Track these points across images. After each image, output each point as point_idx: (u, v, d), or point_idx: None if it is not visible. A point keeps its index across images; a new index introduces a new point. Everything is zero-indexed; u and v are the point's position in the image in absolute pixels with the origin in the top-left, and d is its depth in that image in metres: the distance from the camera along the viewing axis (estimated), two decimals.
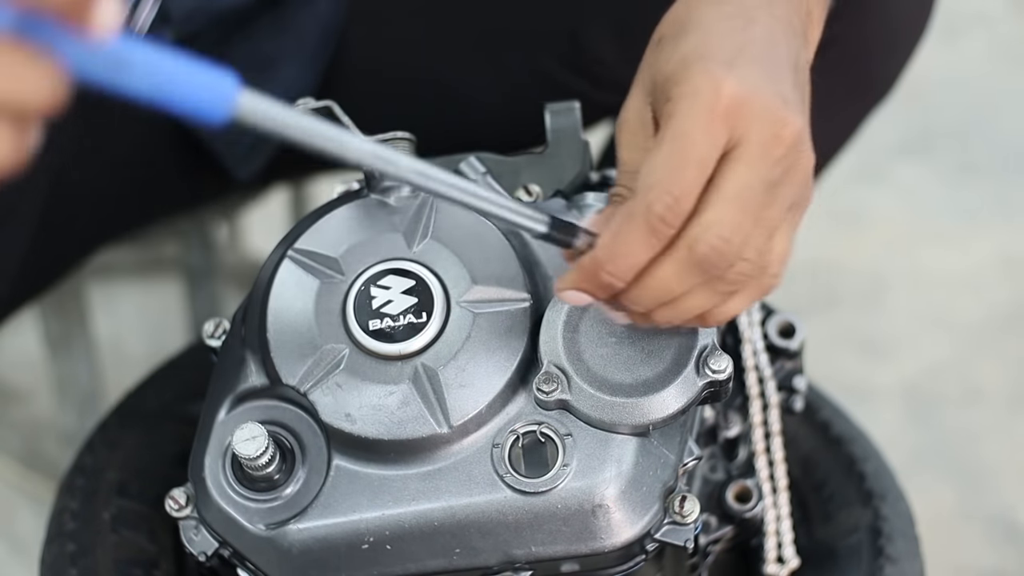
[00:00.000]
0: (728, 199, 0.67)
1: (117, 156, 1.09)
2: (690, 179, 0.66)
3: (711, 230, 0.67)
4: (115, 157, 1.09)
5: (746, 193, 0.67)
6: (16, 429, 1.67)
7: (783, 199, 0.69)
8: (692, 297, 0.70)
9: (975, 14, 2.21)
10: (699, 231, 0.67)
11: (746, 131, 0.67)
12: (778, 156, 0.68)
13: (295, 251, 0.80)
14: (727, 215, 0.67)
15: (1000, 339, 1.78)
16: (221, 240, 1.60)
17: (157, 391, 1.01)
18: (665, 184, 0.66)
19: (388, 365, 0.76)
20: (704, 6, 0.72)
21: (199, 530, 0.79)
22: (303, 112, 0.59)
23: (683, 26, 0.72)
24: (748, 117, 0.67)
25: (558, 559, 0.76)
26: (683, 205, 0.66)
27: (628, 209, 0.67)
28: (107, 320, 1.74)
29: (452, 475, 0.75)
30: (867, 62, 1.07)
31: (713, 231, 0.67)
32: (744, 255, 0.69)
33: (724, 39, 0.70)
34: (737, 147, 0.67)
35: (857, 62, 1.05)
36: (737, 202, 0.67)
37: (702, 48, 0.69)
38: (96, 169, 1.07)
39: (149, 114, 1.10)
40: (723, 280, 0.69)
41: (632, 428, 0.75)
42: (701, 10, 0.72)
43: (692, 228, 0.67)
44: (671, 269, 0.68)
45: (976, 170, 2.01)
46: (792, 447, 0.96)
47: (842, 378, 1.65)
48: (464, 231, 0.79)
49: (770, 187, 0.68)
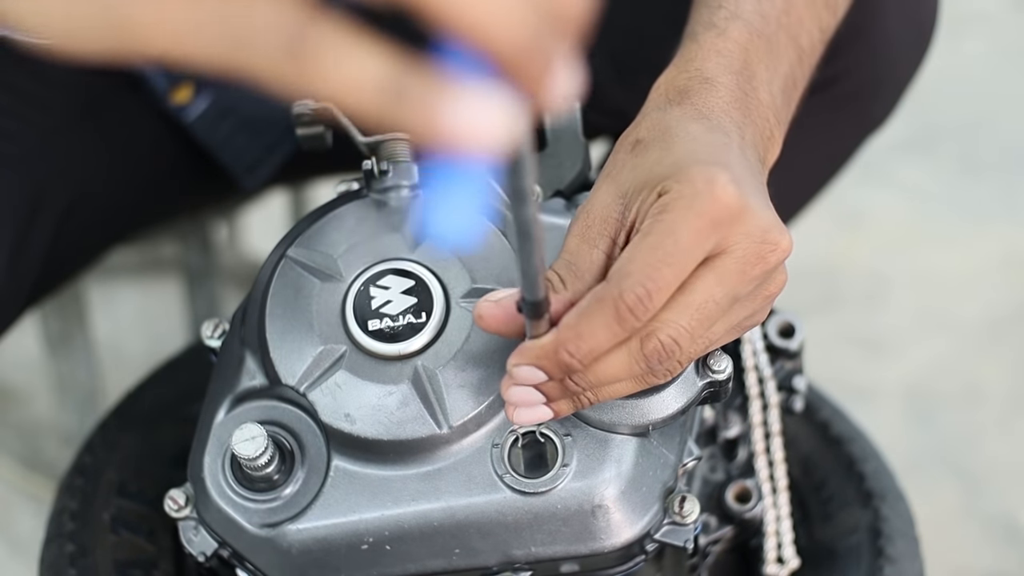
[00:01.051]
0: (691, 307, 0.66)
1: (128, 164, 1.10)
2: (668, 277, 0.65)
3: (665, 330, 0.66)
4: (126, 165, 1.10)
5: (710, 305, 0.67)
6: (16, 429, 1.67)
7: (739, 312, 0.69)
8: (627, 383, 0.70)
9: (977, 13, 2.21)
10: (654, 327, 0.66)
11: (733, 243, 0.67)
12: (754, 275, 0.68)
13: (294, 251, 0.79)
14: (684, 321, 0.66)
15: (1001, 339, 1.78)
16: (221, 240, 1.60)
17: (156, 391, 1.01)
18: (641, 277, 0.65)
19: (387, 365, 0.76)
20: (687, 121, 0.72)
21: (198, 530, 0.79)
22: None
23: (667, 133, 0.71)
24: (740, 230, 0.67)
25: (558, 559, 0.76)
26: (655, 301, 0.65)
27: (599, 293, 0.66)
28: (107, 320, 1.74)
29: (451, 475, 0.75)
30: (865, 99, 1.07)
31: (667, 331, 0.66)
32: (685, 357, 0.69)
33: (715, 151, 0.70)
34: (719, 256, 0.67)
35: (855, 99, 1.05)
36: (699, 312, 0.67)
37: (697, 154, 0.69)
38: (108, 175, 1.08)
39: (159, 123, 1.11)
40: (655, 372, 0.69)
41: (632, 428, 0.75)
42: (684, 124, 0.72)
43: (650, 323, 0.67)
44: (621, 359, 0.67)
45: (978, 169, 2.01)
46: (792, 447, 0.96)
47: (842, 378, 1.64)
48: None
49: (733, 301, 0.68)
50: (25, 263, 0.99)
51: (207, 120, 1.09)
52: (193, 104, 1.08)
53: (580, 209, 0.72)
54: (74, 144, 1.04)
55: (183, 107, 1.08)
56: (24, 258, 0.99)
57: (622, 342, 0.67)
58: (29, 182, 0.99)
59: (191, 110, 1.08)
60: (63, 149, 1.03)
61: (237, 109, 1.10)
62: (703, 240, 0.66)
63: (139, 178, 1.12)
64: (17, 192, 0.98)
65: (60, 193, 1.02)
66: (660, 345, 0.67)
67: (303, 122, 0.83)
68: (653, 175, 0.69)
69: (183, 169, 1.14)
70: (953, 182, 1.99)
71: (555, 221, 0.81)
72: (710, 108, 0.74)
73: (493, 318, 0.70)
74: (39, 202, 1.00)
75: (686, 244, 0.65)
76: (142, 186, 1.13)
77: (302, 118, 0.83)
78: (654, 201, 0.68)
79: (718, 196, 0.66)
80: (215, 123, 1.10)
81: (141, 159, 1.11)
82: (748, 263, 0.67)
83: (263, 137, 1.11)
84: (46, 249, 1.02)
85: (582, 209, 0.72)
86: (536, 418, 0.71)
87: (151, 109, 1.08)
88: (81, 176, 1.05)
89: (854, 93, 1.03)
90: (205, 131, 1.10)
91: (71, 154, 1.04)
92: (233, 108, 1.10)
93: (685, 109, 0.73)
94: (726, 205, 0.66)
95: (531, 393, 0.69)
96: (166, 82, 1.06)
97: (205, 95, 1.08)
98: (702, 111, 0.73)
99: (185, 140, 1.11)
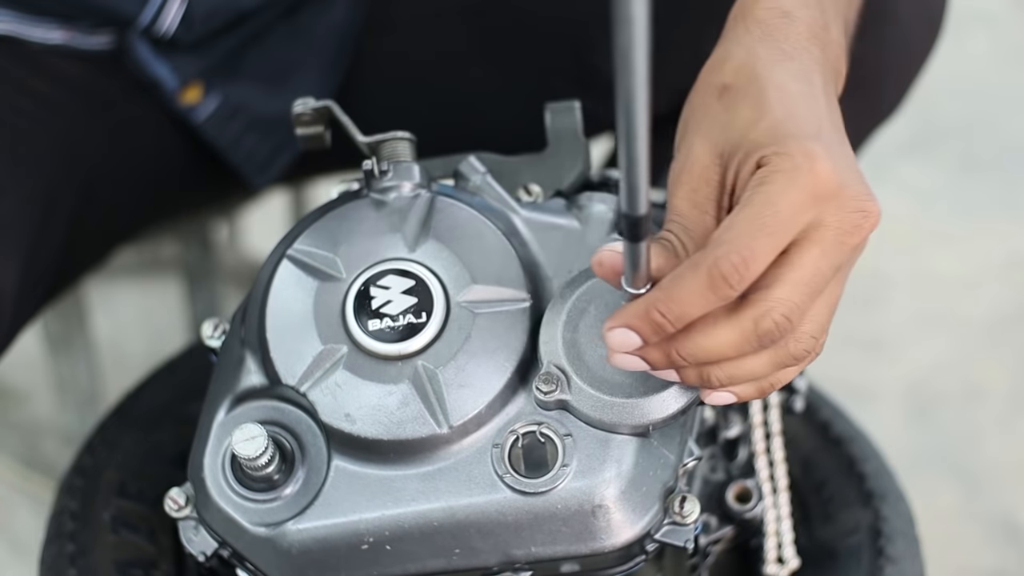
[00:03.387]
0: (800, 281, 0.68)
1: (138, 164, 1.10)
2: (764, 248, 0.66)
3: (778, 309, 0.68)
4: (136, 165, 1.10)
5: (817, 278, 0.68)
6: (16, 429, 1.67)
7: (843, 278, 0.71)
8: (747, 363, 0.70)
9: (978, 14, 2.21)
10: (768, 306, 0.68)
11: (830, 215, 0.68)
12: (852, 244, 0.69)
13: (294, 251, 0.79)
14: (796, 296, 0.68)
15: (1002, 339, 1.78)
16: (221, 240, 1.60)
17: (156, 392, 1.01)
18: (737, 245, 0.66)
19: (388, 365, 0.76)
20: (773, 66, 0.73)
21: (198, 530, 0.79)
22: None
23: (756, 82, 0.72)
24: (836, 202, 0.68)
25: (558, 559, 0.76)
26: (750, 270, 0.66)
27: (695, 259, 0.67)
28: (107, 320, 1.74)
29: (452, 475, 0.75)
30: (879, 83, 1.07)
31: (780, 310, 0.68)
32: (801, 331, 0.70)
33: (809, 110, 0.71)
34: (816, 229, 0.68)
35: (871, 83, 1.05)
36: (808, 286, 0.68)
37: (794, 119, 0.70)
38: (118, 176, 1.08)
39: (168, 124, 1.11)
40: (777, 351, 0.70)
41: (632, 428, 0.75)
42: (772, 70, 0.73)
43: (761, 303, 0.68)
44: (732, 335, 0.68)
45: (979, 169, 2.01)
46: (792, 447, 0.96)
47: (842, 378, 1.64)
48: (464, 231, 0.79)
49: (836, 271, 0.70)
50: (40, 264, 0.99)
51: (216, 120, 1.09)
52: (202, 105, 1.08)
53: (680, 167, 0.72)
54: (84, 145, 1.05)
55: (192, 108, 1.08)
56: (38, 259, 0.99)
57: (729, 318, 0.68)
58: (42, 184, 0.99)
59: (200, 111, 1.09)
60: (74, 150, 1.04)
61: (246, 109, 1.10)
62: (802, 213, 0.67)
63: (149, 178, 1.12)
64: (30, 194, 0.98)
65: (71, 194, 1.03)
66: (775, 324, 0.68)
67: (303, 122, 0.83)
68: (749, 140, 0.70)
69: (192, 169, 1.15)
70: (953, 182, 1.99)
71: (555, 221, 0.81)
72: (792, 45, 0.74)
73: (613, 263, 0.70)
74: (52, 203, 1.00)
75: (785, 216, 0.67)
76: (152, 186, 1.14)
77: (302, 118, 0.83)
78: (753, 169, 0.69)
79: (817, 172, 0.67)
80: (224, 123, 1.10)
81: (151, 159, 1.12)
82: (846, 233, 0.68)
83: (272, 137, 1.12)
84: (59, 250, 1.02)
85: (682, 168, 0.72)
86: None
87: (160, 110, 1.09)
88: (92, 177, 1.05)
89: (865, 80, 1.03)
90: (214, 131, 1.10)
91: (82, 155, 1.04)
92: (242, 108, 1.10)
93: (769, 48, 0.74)
94: (825, 181, 0.67)
95: (635, 361, 0.71)
96: (175, 83, 1.06)
97: (214, 96, 1.08)
98: (785, 50, 0.74)
99: (193, 140, 1.11)
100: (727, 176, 0.71)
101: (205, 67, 1.07)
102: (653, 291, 0.68)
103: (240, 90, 1.10)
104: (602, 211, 0.81)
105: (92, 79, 1.06)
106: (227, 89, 1.09)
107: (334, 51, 1.12)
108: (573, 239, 0.80)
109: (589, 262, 0.76)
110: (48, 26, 1.03)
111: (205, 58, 1.07)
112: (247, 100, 1.10)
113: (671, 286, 0.67)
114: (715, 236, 0.67)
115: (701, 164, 0.72)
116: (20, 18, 1.02)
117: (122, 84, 1.07)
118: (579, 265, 0.79)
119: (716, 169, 0.72)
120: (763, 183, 0.68)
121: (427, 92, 1.15)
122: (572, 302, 0.76)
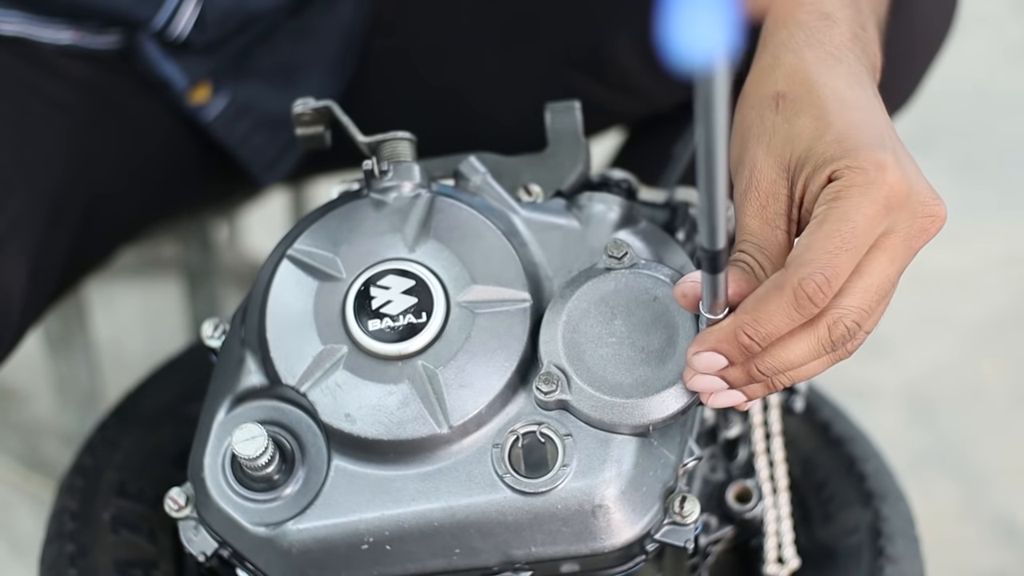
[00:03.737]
0: (871, 290, 0.69)
1: (146, 164, 1.11)
2: (844, 264, 0.67)
3: (850, 316, 0.69)
4: (144, 165, 1.10)
5: (885, 285, 0.69)
6: (16, 429, 1.67)
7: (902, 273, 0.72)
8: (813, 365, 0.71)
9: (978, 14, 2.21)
10: (840, 314, 0.69)
11: (900, 223, 0.69)
12: (918, 247, 0.71)
13: (295, 251, 0.79)
14: (866, 303, 0.69)
15: (1001, 339, 1.78)
16: (221, 240, 1.60)
17: (157, 392, 1.01)
18: (820, 265, 0.67)
19: (388, 365, 0.76)
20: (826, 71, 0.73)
21: (198, 530, 0.79)
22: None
23: (812, 90, 0.72)
24: (906, 209, 0.69)
25: (558, 559, 0.76)
26: (833, 287, 0.67)
27: (777, 281, 0.68)
28: (107, 320, 1.74)
29: (452, 475, 0.75)
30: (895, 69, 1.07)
31: (852, 317, 0.69)
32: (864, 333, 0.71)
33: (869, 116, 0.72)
34: (887, 237, 0.69)
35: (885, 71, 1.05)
36: (878, 292, 0.69)
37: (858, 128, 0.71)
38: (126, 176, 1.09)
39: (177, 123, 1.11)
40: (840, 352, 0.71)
41: (632, 428, 0.75)
42: (825, 76, 0.73)
43: (833, 311, 0.69)
44: (808, 345, 0.69)
45: (979, 169, 2.01)
46: (792, 447, 0.96)
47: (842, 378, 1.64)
48: (464, 231, 0.79)
49: (901, 273, 0.71)
50: (48, 265, 0.99)
51: (225, 120, 1.10)
52: (211, 104, 1.09)
53: (746, 184, 0.73)
54: (93, 145, 1.05)
55: (201, 107, 1.09)
56: (47, 260, 0.99)
57: (806, 330, 0.69)
58: (51, 183, 1.00)
59: (209, 110, 1.09)
60: (82, 150, 1.04)
61: (254, 108, 1.10)
62: (877, 225, 0.68)
63: (157, 177, 1.13)
64: (39, 194, 0.98)
65: (80, 194, 1.03)
66: (846, 330, 0.69)
67: (303, 122, 0.83)
68: (816, 153, 0.70)
69: (200, 167, 1.15)
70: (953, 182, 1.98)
71: (555, 221, 0.80)
72: (836, 47, 0.75)
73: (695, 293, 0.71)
74: (60, 203, 1.00)
75: (862, 231, 0.68)
76: (160, 185, 1.14)
77: (302, 118, 0.83)
78: (824, 183, 0.70)
79: (890, 183, 0.68)
80: (233, 122, 1.10)
81: (159, 159, 1.12)
82: (914, 238, 0.70)
83: (280, 135, 1.12)
84: (67, 250, 1.02)
85: (748, 184, 0.72)
86: (730, 401, 0.72)
87: (168, 109, 1.09)
88: (100, 176, 1.05)
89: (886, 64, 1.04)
90: (223, 130, 1.10)
91: (91, 155, 1.04)
92: (250, 107, 1.10)
93: (817, 52, 0.74)
94: (897, 191, 0.69)
95: (715, 381, 0.71)
96: (185, 83, 1.06)
97: (223, 95, 1.09)
98: (833, 53, 0.74)
99: (201, 139, 1.11)
100: (795, 190, 0.71)
101: (214, 67, 1.07)
102: (738, 314, 0.69)
103: (248, 89, 1.10)
104: (602, 211, 0.81)
105: (101, 79, 1.06)
106: (235, 88, 1.09)
107: (341, 50, 1.12)
108: (573, 239, 0.80)
109: (589, 262, 0.76)
110: (57, 27, 1.03)
111: (214, 58, 1.07)
112: (255, 99, 1.10)
113: (757, 308, 0.68)
114: (795, 255, 0.68)
115: (768, 179, 0.72)
116: (30, 19, 1.02)
117: (131, 84, 1.07)
118: (579, 265, 0.78)
119: (784, 184, 0.72)
120: (838, 198, 0.68)
121: (437, 89, 1.14)
122: (572, 302, 0.76)
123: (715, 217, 0.62)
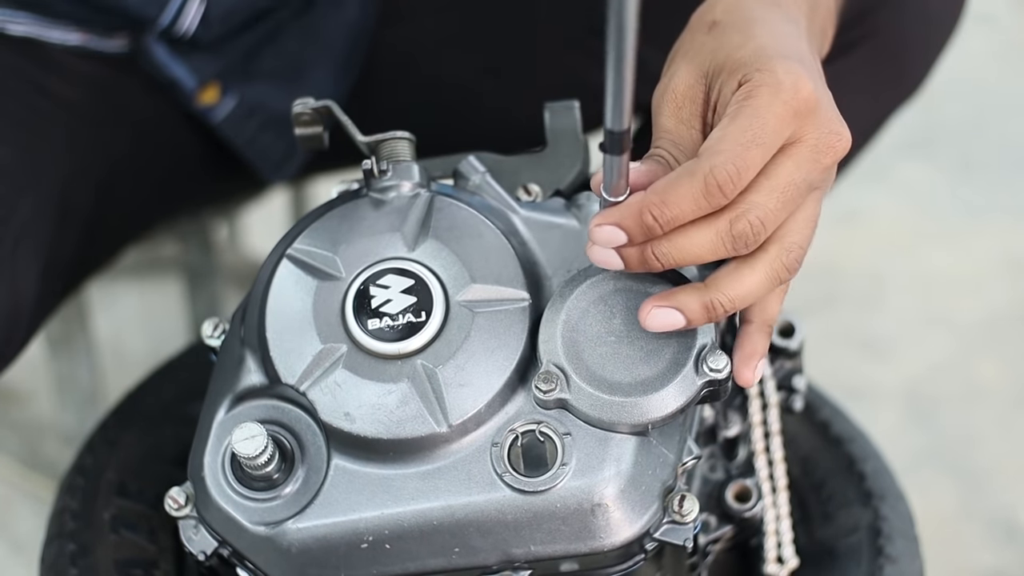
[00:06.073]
0: (775, 189, 0.71)
1: (154, 164, 1.11)
2: (755, 158, 0.70)
3: (753, 211, 0.70)
4: (152, 165, 1.11)
5: (790, 189, 0.71)
6: (16, 429, 1.67)
7: (818, 199, 0.74)
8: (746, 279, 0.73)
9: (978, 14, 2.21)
10: (744, 209, 0.70)
11: (807, 132, 0.71)
12: (825, 164, 0.73)
13: (294, 250, 0.80)
14: (770, 202, 0.71)
15: (1001, 339, 1.78)
16: (221, 240, 1.60)
17: (157, 391, 1.01)
18: (731, 155, 0.69)
19: (387, 364, 0.76)
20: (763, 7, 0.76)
21: (198, 529, 0.79)
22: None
23: (745, 18, 0.75)
24: (813, 121, 0.71)
25: (557, 558, 0.76)
26: (743, 178, 0.69)
27: (689, 167, 0.70)
28: (107, 320, 1.74)
29: (451, 474, 0.75)
30: (902, 56, 1.08)
31: (754, 212, 0.70)
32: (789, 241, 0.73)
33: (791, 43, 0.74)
34: (794, 144, 0.71)
35: (893, 56, 1.06)
36: (781, 193, 0.71)
37: (777, 45, 0.73)
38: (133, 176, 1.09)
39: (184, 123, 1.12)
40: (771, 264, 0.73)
41: (631, 427, 0.75)
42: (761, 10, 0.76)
43: (736, 205, 0.70)
44: (708, 236, 0.71)
45: (978, 169, 2.01)
46: (792, 447, 0.96)
47: (842, 378, 1.64)
48: (463, 230, 0.79)
49: (809, 187, 0.73)
50: (57, 265, 1.00)
51: (234, 120, 1.10)
52: (220, 105, 1.09)
53: (663, 90, 0.76)
54: (101, 145, 1.05)
55: (210, 108, 1.09)
56: (56, 260, 0.99)
57: (708, 221, 0.70)
58: (60, 184, 1.00)
59: (218, 111, 1.09)
60: (91, 150, 1.04)
61: (262, 108, 1.11)
62: (785, 127, 0.70)
63: (163, 177, 1.13)
64: (48, 195, 0.98)
65: (88, 194, 1.03)
66: (749, 226, 0.71)
67: (302, 122, 0.84)
68: (734, 60, 0.73)
69: (206, 167, 1.16)
70: (953, 182, 1.99)
71: (554, 220, 0.81)
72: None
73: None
74: (69, 203, 1.01)
75: (772, 128, 0.70)
76: (166, 184, 1.14)
77: (301, 118, 0.83)
78: (736, 86, 0.72)
79: (799, 88, 0.71)
80: (241, 123, 1.11)
81: (165, 158, 1.12)
82: (820, 151, 0.72)
83: (287, 134, 1.12)
84: (75, 250, 1.02)
85: (666, 89, 0.75)
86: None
87: (176, 109, 1.09)
88: (108, 177, 1.06)
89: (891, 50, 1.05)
90: (232, 131, 1.11)
91: (99, 155, 1.05)
92: (258, 107, 1.10)
93: None
94: (805, 98, 0.71)
95: (611, 256, 0.73)
96: (193, 83, 1.07)
97: (231, 95, 1.09)
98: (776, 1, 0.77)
99: (207, 138, 1.12)
100: (711, 94, 0.74)
101: (222, 67, 1.08)
102: (647, 194, 0.70)
103: (256, 89, 1.10)
104: None
105: (109, 79, 1.06)
106: (243, 88, 1.09)
107: (347, 49, 1.13)
108: (572, 238, 0.80)
109: (588, 261, 0.76)
110: (66, 28, 1.03)
111: (222, 58, 1.07)
112: (263, 99, 1.11)
113: (666, 191, 0.70)
114: (707, 146, 0.70)
115: (685, 83, 0.75)
116: (38, 20, 1.02)
117: (139, 84, 1.08)
118: (578, 264, 0.79)
119: (700, 88, 0.75)
120: (749, 96, 0.71)
121: (443, 87, 1.15)
122: (571, 301, 0.76)
123: (621, 98, 0.64)
